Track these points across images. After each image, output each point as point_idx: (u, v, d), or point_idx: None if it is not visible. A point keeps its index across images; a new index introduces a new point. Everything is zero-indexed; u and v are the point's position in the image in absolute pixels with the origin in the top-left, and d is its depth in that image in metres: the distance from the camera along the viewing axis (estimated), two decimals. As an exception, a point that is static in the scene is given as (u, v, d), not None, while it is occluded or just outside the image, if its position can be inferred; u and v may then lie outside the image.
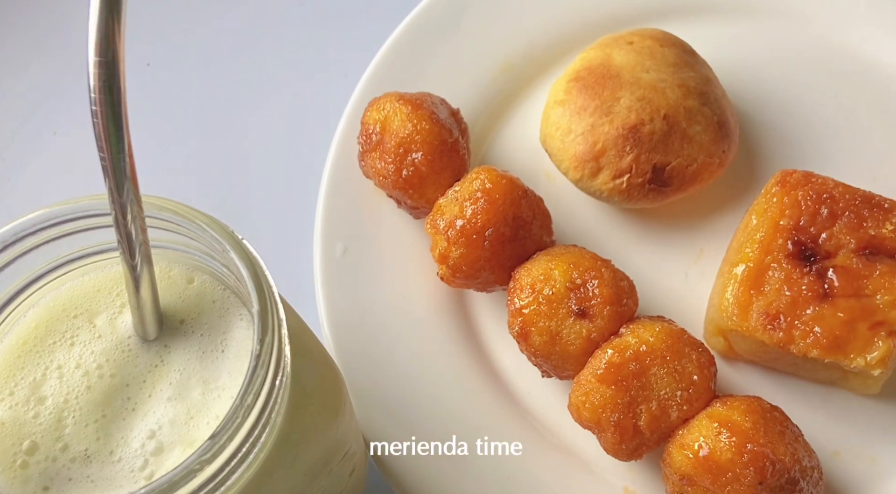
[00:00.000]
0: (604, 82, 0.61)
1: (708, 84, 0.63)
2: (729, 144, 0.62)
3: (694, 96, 0.61)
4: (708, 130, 0.60)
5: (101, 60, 0.30)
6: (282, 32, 0.78)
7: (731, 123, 0.63)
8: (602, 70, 0.61)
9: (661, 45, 0.63)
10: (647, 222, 0.64)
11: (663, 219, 0.64)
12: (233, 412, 0.32)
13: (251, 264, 0.36)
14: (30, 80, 0.76)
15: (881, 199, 0.56)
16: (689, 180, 0.61)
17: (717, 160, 0.61)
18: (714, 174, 0.62)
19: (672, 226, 0.64)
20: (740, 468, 0.48)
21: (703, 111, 0.61)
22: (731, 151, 0.62)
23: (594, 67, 0.62)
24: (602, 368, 0.51)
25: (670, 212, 0.64)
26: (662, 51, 0.62)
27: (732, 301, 0.55)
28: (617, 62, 0.62)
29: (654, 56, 0.62)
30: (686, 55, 0.63)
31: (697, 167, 0.60)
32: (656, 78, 0.61)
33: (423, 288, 0.62)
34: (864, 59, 0.67)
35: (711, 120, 0.61)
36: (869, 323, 0.53)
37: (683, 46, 0.64)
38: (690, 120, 0.60)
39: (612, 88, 0.60)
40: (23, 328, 0.39)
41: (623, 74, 0.61)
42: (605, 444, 0.52)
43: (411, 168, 0.57)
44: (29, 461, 0.37)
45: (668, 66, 0.62)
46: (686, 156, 0.60)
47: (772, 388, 0.58)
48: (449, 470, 0.56)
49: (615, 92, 0.60)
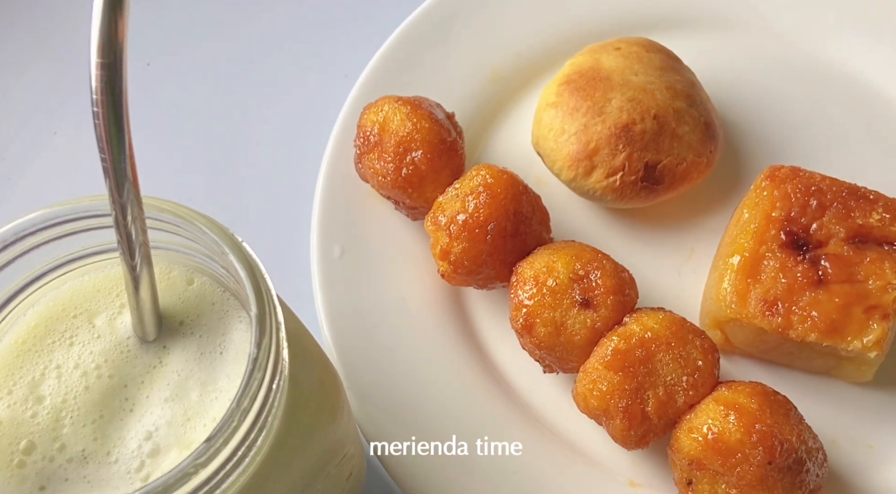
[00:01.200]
0: (595, 84, 0.62)
1: (693, 87, 0.65)
2: (715, 145, 0.64)
3: (681, 98, 0.63)
4: (696, 130, 0.62)
5: (104, 62, 0.30)
6: (281, 33, 0.78)
7: (716, 125, 0.65)
8: (592, 73, 0.63)
9: (647, 51, 0.65)
10: (639, 223, 0.66)
11: (654, 220, 0.66)
12: (229, 415, 0.32)
13: (250, 266, 0.36)
14: (30, 80, 0.76)
15: (866, 190, 0.58)
16: (680, 179, 0.62)
17: (704, 160, 0.63)
18: (702, 174, 0.63)
19: (663, 227, 0.66)
20: (749, 448, 0.48)
21: (691, 112, 0.62)
22: (717, 152, 0.64)
23: (584, 71, 0.63)
24: (609, 355, 0.52)
25: (661, 213, 0.66)
26: (649, 56, 0.64)
27: (730, 290, 0.56)
28: (606, 66, 0.63)
29: (641, 60, 0.64)
30: (671, 61, 0.65)
31: (687, 166, 0.62)
32: (645, 80, 0.62)
33: (422, 288, 0.62)
34: (835, 65, 0.70)
35: (699, 121, 0.63)
36: (863, 307, 0.54)
37: (668, 53, 0.66)
38: (679, 120, 0.62)
39: (604, 90, 0.62)
40: (22, 328, 0.39)
41: (613, 76, 0.62)
42: (613, 432, 0.53)
43: (411, 167, 0.58)
44: (26, 460, 0.36)
45: (655, 69, 0.63)
46: (676, 154, 0.61)
47: (768, 379, 0.58)
48: (451, 469, 0.56)
49: (606, 93, 0.62)
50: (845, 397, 0.59)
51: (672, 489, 0.55)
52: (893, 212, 0.57)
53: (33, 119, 0.74)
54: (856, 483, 0.57)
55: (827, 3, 0.71)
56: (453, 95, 0.68)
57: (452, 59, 0.70)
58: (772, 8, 0.72)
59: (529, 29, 0.71)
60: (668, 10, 0.72)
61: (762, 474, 0.48)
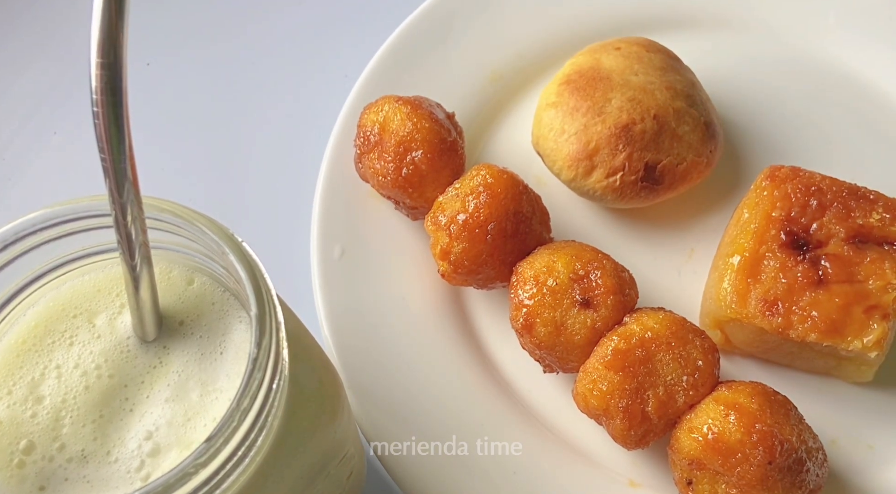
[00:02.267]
0: (595, 84, 0.62)
1: (693, 87, 0.64)
2: (715, 145, 0.64)
3: (681, 98, 0.62)
4: (696, 130, 0.62)
5: (104, 62, 0.30)
6: (282, 33, 0.78)
7: (716, 125, 0.64)
8: (592, 73, 0.63)
9: (647, 51, 0.65)
10: (639, 223, 0.66)
11: (654, 220, 0.66)
12: (229, 415, 0.32)
13: (250, 266, 0.36)
14: (30, 80, 0.76)
15: (866, 190, 0.58)
16: (680, 179, 0.62)
17: (704, 160, 0.63)
18: (702, 174, 0.63)
19: (663, 227, 0.66)
20: (749, 448, 0.48)
21: (691, 112, 0.62)
22: (717, 152, 0.64)
23: (584, 71, 0.63)
24: (609, 355, 0.52)
25: (660, 213, 0.66)
26: (649, 56, 0.64)
27: (730, 290, 0.56)
28: (606, 66, 0.63)
29: (641, 60, 0.64)
30: (671, 60, 0.65)
31: (687, 166, 0.62)
32: (645, 80, 0.62)
33: (422, 288, 0.62)
34: (835, 65, 0.70)
35: (699, 121, 0.62)
36: (863, 307, 0.54)
37: (668, 52, 0.66)
38: (679, 120, 0.62)
39: (604, 90, 0.62)
40: (22, 328, 0.39)
41: (613, 76, 0.62)
42: (613, 431, 0.53)
43: (411, 167, 0.58)
44: (26, 460, 0.36)
45: (655, 69, 0.63)
46: (676, 154, 0.61)
47: (768, 379, 0.58)
48: (452, 468, 0.56)
49: (606, 93, 0.62)
50: (845, 397, 0.59)
51: (672, 489, 0.55)
52: (893, 212, 0.57)
53: (33, 119, 0.74)
54: (856, 483, 0.57)
55: (827, 3, 0.71)
56: (453, 95, 0.68)
57: (452, 59, 0.70)
58: (772, 8, 0.72)
59: (529, 29, 0.71)
60: (668, 10, 0.72)
61: (762, 474, 0.48)
